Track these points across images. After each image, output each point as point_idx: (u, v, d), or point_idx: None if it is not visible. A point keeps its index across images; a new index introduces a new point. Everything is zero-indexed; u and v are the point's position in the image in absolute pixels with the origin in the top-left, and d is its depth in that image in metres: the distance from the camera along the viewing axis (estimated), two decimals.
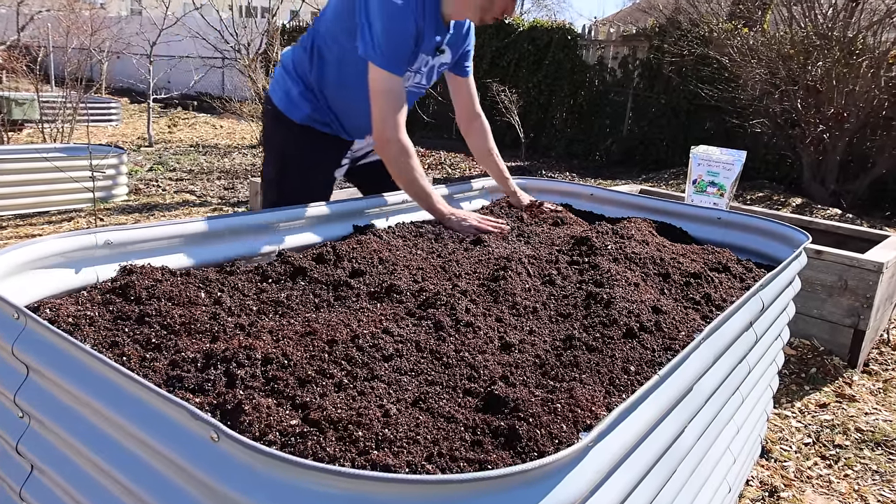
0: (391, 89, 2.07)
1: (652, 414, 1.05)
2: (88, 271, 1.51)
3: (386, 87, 2.06)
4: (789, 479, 2.46)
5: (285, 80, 2.40)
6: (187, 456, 0.83)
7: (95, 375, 0.97)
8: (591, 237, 2.24)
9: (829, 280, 3.40)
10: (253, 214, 1.85)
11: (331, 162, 2.51)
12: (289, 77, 2.38)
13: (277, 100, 2.40)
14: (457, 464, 0.95)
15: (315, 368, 1.19)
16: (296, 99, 2.36)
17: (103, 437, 0.98)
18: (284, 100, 2.38)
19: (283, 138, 2.45)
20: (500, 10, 2.19)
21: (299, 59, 2.36)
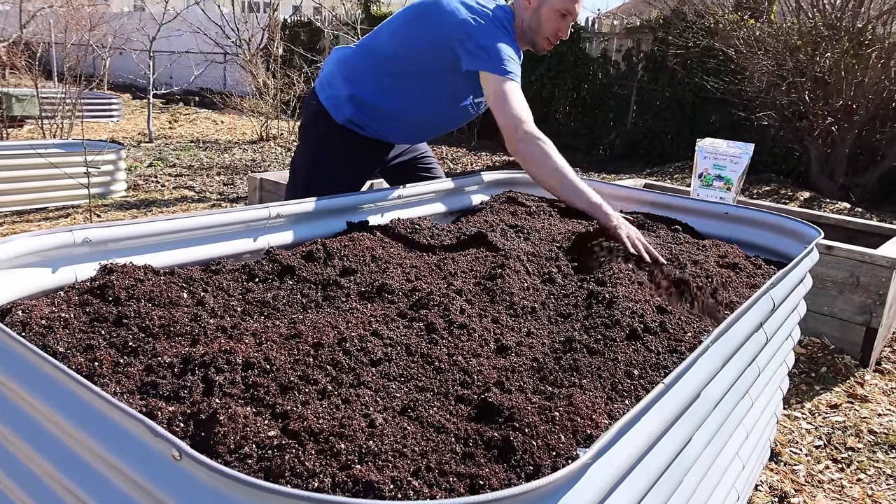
0: (517, 94, 2.11)
1: (656, 425, 0.97)
2: (66, 270, 1.45)
3: (512, 93, 2.10)
4: (800, 483, 2.38)
5: (335, 79, 2.44)
6: (148, 475, 0.76)
7: (52, 383, 0.90)
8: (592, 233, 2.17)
9: (840, 276, 3.32)
10: (241, 211, 1.78)
11: (363, 165, 2.55)
12: (341, 77, 2.42)
13: (324, 98, 2.44)
14: (446, 479, 0.89)
15: (298, 374, 1.12)
16: (342, 101, 2.40)
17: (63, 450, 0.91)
18: (331, 99, 2.42)
19: (321, 134, 2.48)
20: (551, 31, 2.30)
21: (355, 68, 2.41)
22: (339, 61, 2.48)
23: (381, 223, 2.10)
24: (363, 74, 2.39)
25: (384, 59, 2.32)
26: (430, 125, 2.56)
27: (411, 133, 2.58)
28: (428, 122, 2.51)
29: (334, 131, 2.44)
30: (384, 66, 2.33)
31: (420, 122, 2.49)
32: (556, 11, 2.25)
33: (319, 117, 2.46)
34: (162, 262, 1.59)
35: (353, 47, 2.49)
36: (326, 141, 2.48)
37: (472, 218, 2.32)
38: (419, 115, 2.43)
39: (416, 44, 2.26)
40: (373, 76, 2.37)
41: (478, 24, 2.13)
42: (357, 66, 2.41)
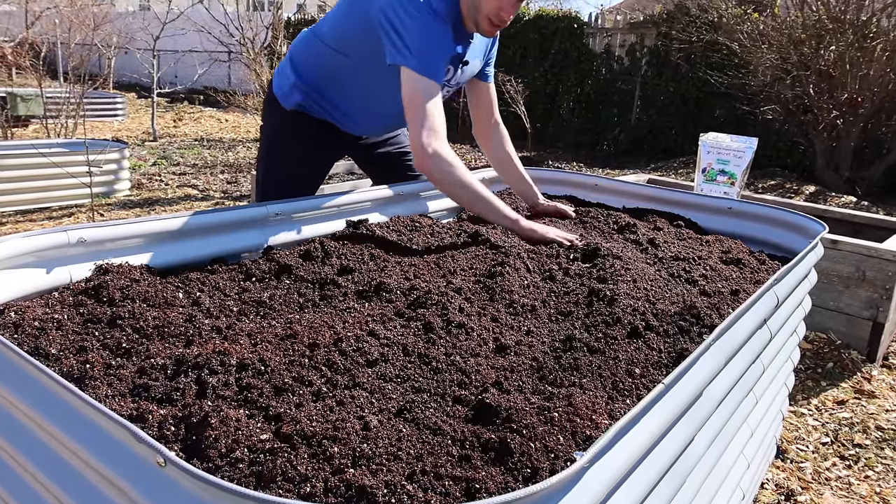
0: (429, 96, 1.90)
1: (657, 426, 0.95)
2: (61, 271, 1.43)
3: (422, 93, 1.89)
4: (806, 481, 2.35)
5: (286, 66, 2.35)
6: (131, 481, 0.75)
7: (40, 388, 0.89)
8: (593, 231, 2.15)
9: (846, 271, 3.29)
10: (239, 209, 1.76)
11: (322, 151, 2.44)
12: (290, 64, 2.33)
13: (275, 86, 2.37)
14: (441, 482, 0.87)
15: (293, 375, 1.11)
16: (290, 88, 2.30)
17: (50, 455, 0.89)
18: (281, 87, 2.34)
19: (273, 123, 2.41)
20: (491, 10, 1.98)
21: (302, 54, 2.31)
22: (292, 47, 2.39)
23: (380, 221, 2.08)
24: (308, 60, 2.28)
25: (326, 45, 2.19)
26: (379, 115, 2.36)
27: (364, 123, 2.40)
28: (376, 112, 2.33)
29: (285, 119, 2.34)
30: (326, 52, 2.19)
31: (368, 111, 2.32)
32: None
33: (271, 106, 2.39)
34: (159, 261, 1.58)
35: (303, 35, 2.37)
36: (279, 129, 2.40)
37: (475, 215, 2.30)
38: (365, 104, 2.28)
39: (349, 28, 2.11)
40: (317, 62, 2.25)
41: (403, 8, 1.89)
42: (303, 51, 2.31)
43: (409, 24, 1.89)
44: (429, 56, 1.90)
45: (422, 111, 1.88)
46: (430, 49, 1.91)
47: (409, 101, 1.90)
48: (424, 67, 1.89)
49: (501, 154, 2.45)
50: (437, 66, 1.93)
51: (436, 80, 1.91)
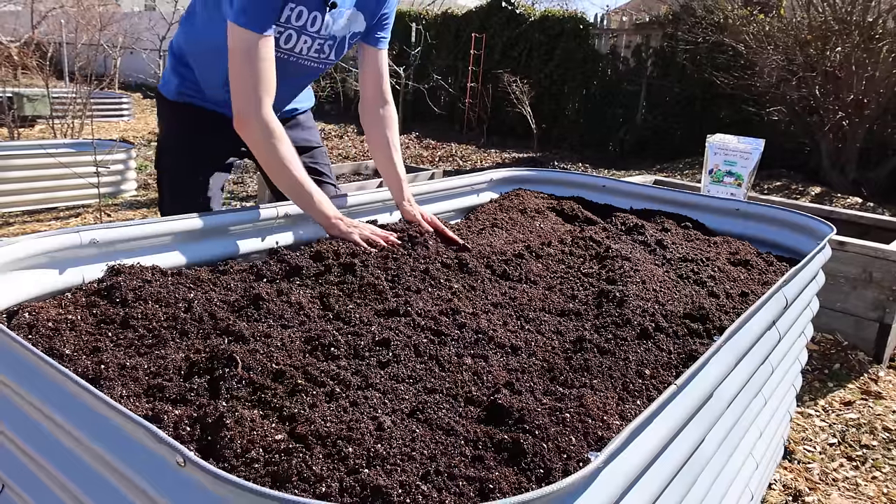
0: (247, 51, 1.67)
1: (669, 427, 0.96)
2: (74, 272, 1.44)
3: (241, 47, 1.67)
4: (814, 481, 2.35)
5: (168, 57, 2.17)
6: (151, 480, 0.75)
7: (58, 389, 0.89)
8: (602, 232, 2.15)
9: (852, 272, 3.29)
10: (249, 211, 1.77)
11: (211, 142, 2.13)
12: (170, 52, 2.15)
13: (161, 80, 2.19)
14: (455, 482, 0.87)
15: (306, 376, 1.11)
16: (168, 74, 2.13)
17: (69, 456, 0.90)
18: (163, 77, 2.17)
19: (161, 116, 2.22)
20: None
21: (177, 32, 2.12)
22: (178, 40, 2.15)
23: (389, 222, 2.09)
24: (181, 35, 2.08)
25: (190, 16, 2.00)
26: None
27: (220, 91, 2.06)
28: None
29: (170, 110, 2.14)
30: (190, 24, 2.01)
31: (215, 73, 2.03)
32: None
33: (158, 103, 2.21)
34: (170, 262, 1.59)
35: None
36: (166, 121, 2.19)
37: (482, 216, 2.31)
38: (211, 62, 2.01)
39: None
40: (187, 31, 2.04)
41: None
42: (179, 29, 2.10)
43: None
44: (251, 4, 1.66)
45: (238, 70, 1.69)
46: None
47: (230, 59, 1.71)
48: (245, 18, 1.66)
49: (379, 138, 2.10)
50: (260, 15, 1.68)
51: (257, 31, 1.67)
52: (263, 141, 1.72)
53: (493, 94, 11.27)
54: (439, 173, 5.04)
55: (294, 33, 1.90)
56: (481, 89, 11.52)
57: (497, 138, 11.23)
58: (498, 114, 11.48)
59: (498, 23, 11.65)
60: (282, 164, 1.73)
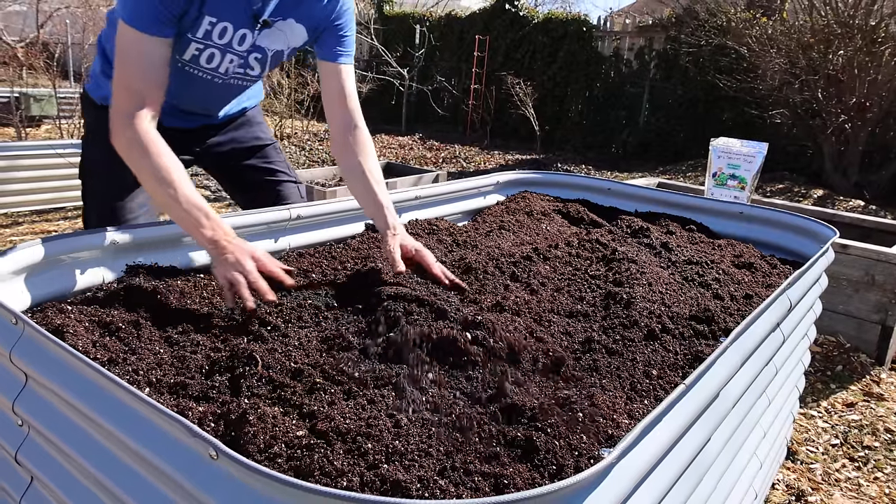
0: (135, 52, 1.50)
1: (678, 425, 0.99)
2: (94, 272, 1.48)
3: (127, 47, 1.50)
4: (816, 482, 2.38)
5: (96, 58, 1.95)
6: (185, 473, 0.79)
7: (91, 385, 0.93)
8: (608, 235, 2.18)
9: (855, 275, 3.32)
10: (263, 212, 1.80)
11: None
12: (98, 53, 1.93)
13: (88, 82, 1.98)
14: (471, 478, 0.90)
15: (324, 375, 1.15)
16: (97, 75, 1.91)
17: (101, 450, 0.93)
18: (91, 79, 1.95)
19: (88, 122, 2.02)
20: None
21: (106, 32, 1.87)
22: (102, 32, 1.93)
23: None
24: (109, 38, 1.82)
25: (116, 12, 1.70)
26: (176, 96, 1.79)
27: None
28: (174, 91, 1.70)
29: (98, 115, 1.75)
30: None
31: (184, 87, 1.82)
32: None
33: (85, 105, 1.99)
34: (186, 263, 1.62)
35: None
36: (93, 127, 1.97)
37: (489, 219, 2.34)
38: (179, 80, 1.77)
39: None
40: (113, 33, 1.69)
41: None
42: (106, 29, 1.87)
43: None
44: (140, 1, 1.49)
45: (118, 71, 1.52)
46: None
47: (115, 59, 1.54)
48: (130, 14, 1.50)
49: (353, 166, 1.78)
50: (147, 12, 1.50)
51: (143, 29, 1.49)
52: (131, 156, 1.49)
53: (496, 95, 11.30)
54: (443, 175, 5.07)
55: (217, 52, 1.72)
56: (484, 91, 11.56)
57: (500, 140, 11.26)
58: (501, 115, 11.52)
59: (501, 25, 11.69)
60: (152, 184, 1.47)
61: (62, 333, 1.18)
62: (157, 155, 1.46)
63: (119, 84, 1.50)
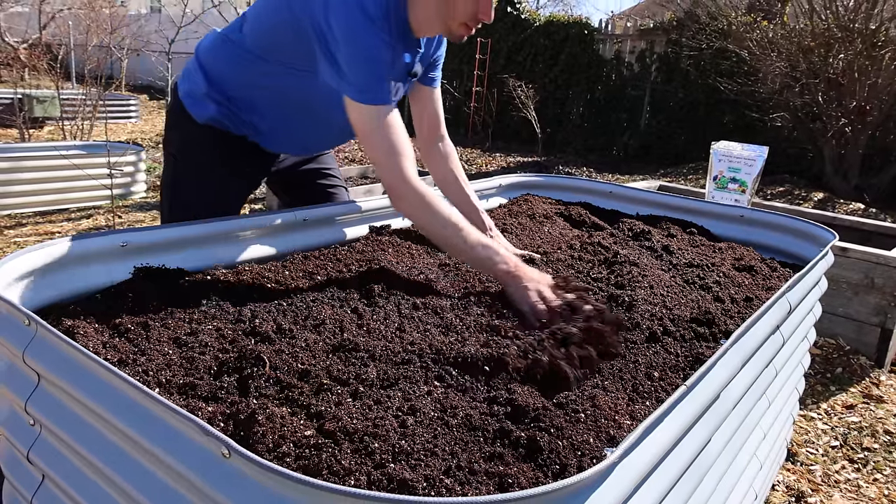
0: (384, 125, 1.62)
1: (678, 426, 1.01)
2: (103, 273, 1.49)
3: (376, 124, 1.61)
4: (816, 483, 2.40)
5: (195, 75, 1.97)
6: (198, 471, 0.81)
7: (104, 385, 0.95)
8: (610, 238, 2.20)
9: (854, 277, 3.33)
10: (270, 215, 1.82)
11: (238, 172, 2.07)
12: (200, 73, 1.95)
13: (184, 93, 1.98)
14: (476, 477, 0.92)
15: (330, 375, 1.16)
16: (201, 98, 1.95)
17: (113, 449, 0.95)
18: (191, 96, 1.97)
19: (181, 139, 2.04)
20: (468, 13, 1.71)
21: (215, 59, 1.94)
22: (200, 49, 1.99)
23: (402, 227, 2.14)
24: (223, 66, 1.91)
25: (247, 49, 1.83)
26: (308, 135, 2.06)
27: (287, 143, 2.08)
28: (304, 130, 2.02)
29: (197, 134, 1.97)
30: (247, 58, 1.84)
31: (295, 130, 2.01)
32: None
33: (178, 117, 2.00)
34: (193, 265, 1.64)
35: (212, 36, 1.98)
36: (189, 146, 2.02)
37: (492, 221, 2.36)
38: (291, 121, 1.97)
39: (276, 34, 1.75)
40: (234, 69, 1.89)
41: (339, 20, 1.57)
42: (216, 56, 1.93)
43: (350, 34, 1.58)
44: (371, 79, 1.61)
45: (375, 146, 1.63)
46: (374, 70, 1.61)
47: (360, 135, 1.67)
48: (369, 95, 1.61)
49: (446, 174, 2.07)
50: (382, 88, 1.63)
51: (384, 103, 1.62)
52: (420, 213, 1.64)
53: (498, 98, 11.32)
54: None
55: None
56: (486, 93, 11.58)
57: (502, 142, 11.29)
58: (503, 118, 11.54)
59: (503, 28, 11.71)
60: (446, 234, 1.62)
61: (73, 335, 1.20)
62: (439, 207, 1.62)
63: (387, 154, 1.61)
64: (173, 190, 2.05)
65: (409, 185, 1.61)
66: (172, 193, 2.05)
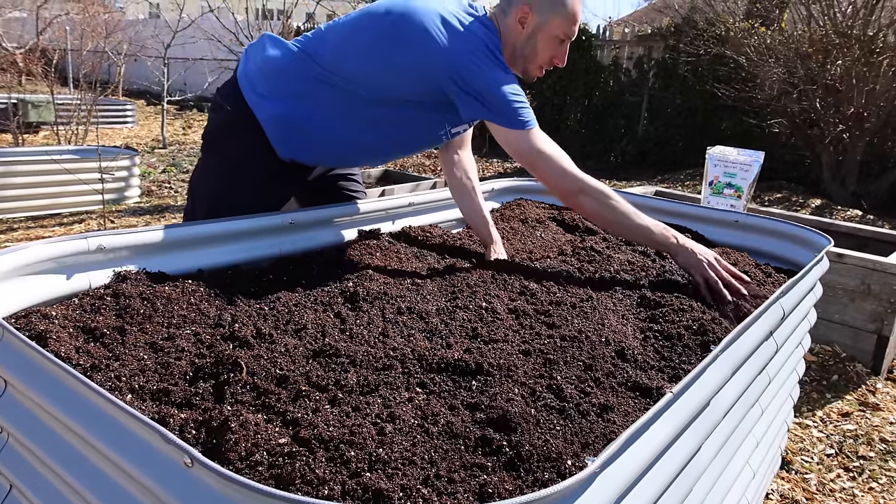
0: (547, 144, 1.80)
1: (665, 434, 0.97)
2: (81, 277, 1.46)
3: (538, 144, 1.78)
4: (811, 492, 2.37)
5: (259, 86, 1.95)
6: (160, 482, 0.77)
7: (69, 392, 0.92)
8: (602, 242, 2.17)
9: (851, 284, 3.31)
10: (256, 218, 1.79)
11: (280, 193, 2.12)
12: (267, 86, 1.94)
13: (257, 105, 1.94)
14: (455, 486, 0.89)
15: (309, 381, 1.13)
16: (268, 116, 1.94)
17: (79, 458, 0.92)
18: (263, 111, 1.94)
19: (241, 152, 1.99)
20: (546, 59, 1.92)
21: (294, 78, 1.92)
22: (269, 63, 1.95)
23: (392, 231, 2.11)
24: (305, 91, 1.90)
25: (341, 78, 1.85)
26: (389, 155, 2.18)
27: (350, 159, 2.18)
28: (389, 152, 2.13)
29: (257, 150, 1.96)
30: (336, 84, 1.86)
31: (380, 152, 2.11)
32: (555, 38, 1.88)
33: (241, 128, 1.96)
34: (176, 268, 1.61)
35: (285, 46, 1.95)
36: (246, 160, 1.98)
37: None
38: (382, 147, 2.04)
39: (390, 69, 1.81)
40: (321, 98, 1.89)
41: (468, 58, 1.74)
42: (297, 79, 1.91)
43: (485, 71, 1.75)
44: (519, 105, 1.78)
45: (543, 162, 1.79)
46: (515, 97, 1.78)
47: (525, 158, 1.80)
48: (521, 120, 1.78)
49: (465, 183, 2.17)
50: (528, 111, 1.81)
51: (534, 125, 1.81)
52: (605, 203, 1.80)
53: None
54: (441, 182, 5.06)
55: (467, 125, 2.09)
56: None
57: (499, 148, 11.24)
58: None
59: None
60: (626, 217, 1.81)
61: (45, 339, 1.17)
62: (615, 198, 1.81)
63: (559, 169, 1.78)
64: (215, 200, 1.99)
65: (588, 181, 1.79)
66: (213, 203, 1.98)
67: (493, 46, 1.79)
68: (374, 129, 1.94)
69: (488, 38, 1.79)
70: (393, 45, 1.78)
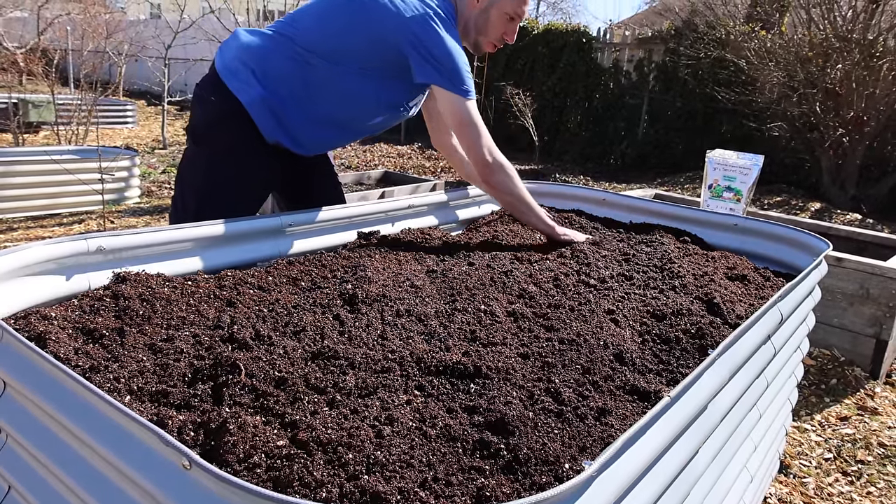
0: (478, 115, 2.02)
1: (662, 438, 0.98)
2: (80, 278, 1.46)
3: (475, 115, 2.00)
4: (809, 496, 2.37)
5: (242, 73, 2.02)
6: (158, 484, 0.78)
7: (68, 393, 0.92)
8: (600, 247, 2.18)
9: (850, 288, 3.31)
10: (254, 220, 1.80)
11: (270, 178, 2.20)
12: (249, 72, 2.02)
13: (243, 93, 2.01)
14: (452, 489, 0.89)
15: (308, 384, 1.14)
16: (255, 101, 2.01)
17: (78, 459, 0.92)
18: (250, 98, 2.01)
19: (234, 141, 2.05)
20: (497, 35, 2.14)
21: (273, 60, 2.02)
22: (247, 51, 2.04)
23: (391, 233, 2.11)
24: (282, 71, 2.01)
25: (311, 54, 1.98)
26: (356, 131, 2.23)
27: (331, 139, 2.22)
28: (356, 127, 2.19)
29: (245, 138, 2.05)
30: (311, 62, 1.99)
31: (348, 127, 2.17)
32: (505, 14, 2.09)
33: (228, 118, 2.03)
34: (175, 270, 1.61)
35: (261, 33, 2.06)
36: (233, 149, 2.05)
37: (483, 228, 2.33)
38: (349, 120, 2.14)
39: (354, 39, 1.96)
40: (295, 74, 2.01)
41: (427, 24, 1.92)
42: (274, 60, 2.01)
43: (441, 39, 1.93)
44: (465, 74, 1.97)
45: (475, 130, 2.01)
46: (464, 66, 1.97)
47: (458, 123, 2.01)
48: (465, 88, 1.98)
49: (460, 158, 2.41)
50: (471, 82, 2.00)
51: (474, 96, 2.01)
52: (505, 184, 2.08)
53: (495, 106, 11.31)
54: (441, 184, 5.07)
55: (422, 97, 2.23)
56: (484, 101, 11.58)
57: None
58: (500, 126, 11.51)
59: None
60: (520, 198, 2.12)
61: (44, 340, 1.17)
62: (517, 181, 2.11)
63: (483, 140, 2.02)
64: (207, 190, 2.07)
65: (500, 161, 2.05)
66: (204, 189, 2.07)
67: (449, 17, 1.99)
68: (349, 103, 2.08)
69: (443, 8, 1.99)
70: (360, 17, 1.96)
